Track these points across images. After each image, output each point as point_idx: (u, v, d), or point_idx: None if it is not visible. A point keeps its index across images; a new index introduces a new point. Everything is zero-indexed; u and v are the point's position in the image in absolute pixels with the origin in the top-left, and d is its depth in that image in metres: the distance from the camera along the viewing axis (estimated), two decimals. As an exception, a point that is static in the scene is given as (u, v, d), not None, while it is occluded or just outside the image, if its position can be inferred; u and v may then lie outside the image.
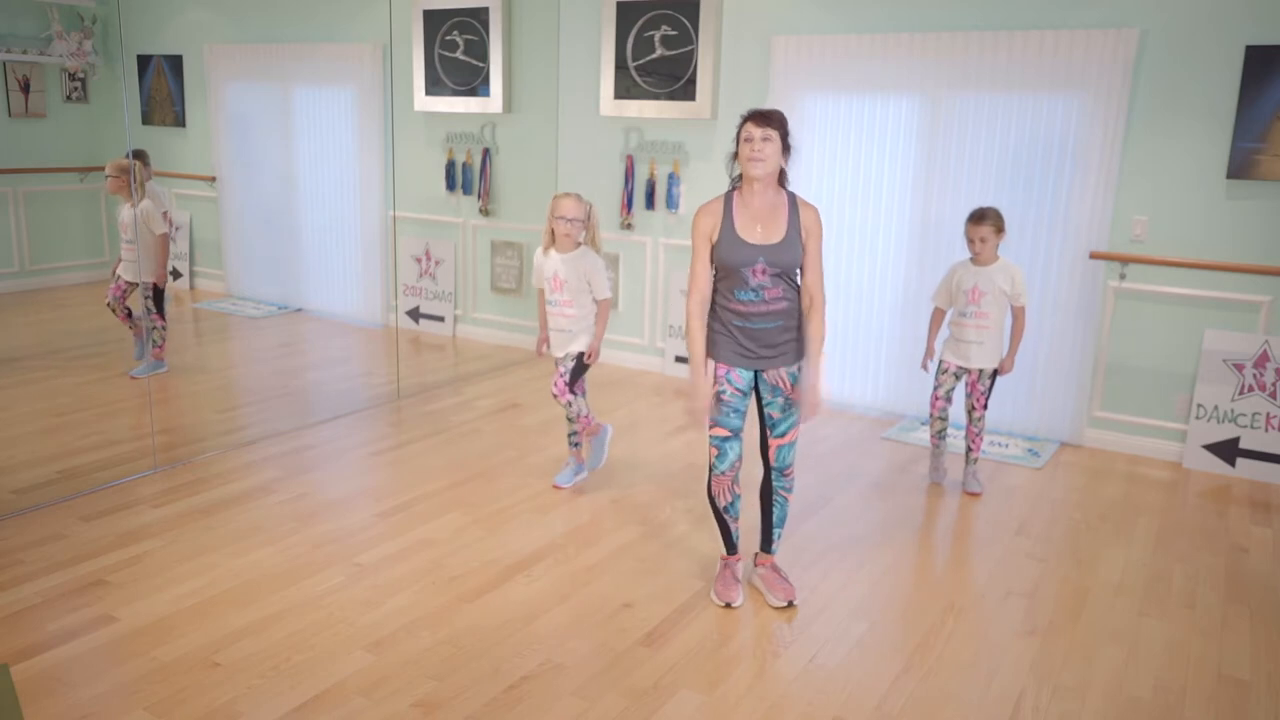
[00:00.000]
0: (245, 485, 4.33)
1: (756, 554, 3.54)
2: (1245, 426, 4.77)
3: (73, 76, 5.53)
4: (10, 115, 5.31)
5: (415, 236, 7.12)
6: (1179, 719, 2.82)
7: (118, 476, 4.35)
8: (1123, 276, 4.98)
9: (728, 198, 3.21)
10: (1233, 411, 4.79)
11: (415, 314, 7.27)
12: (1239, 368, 4.76)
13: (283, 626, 3.16)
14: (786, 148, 3.15)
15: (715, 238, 3.17)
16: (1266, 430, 4.73)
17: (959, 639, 3.21)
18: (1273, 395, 4.71)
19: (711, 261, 3.22)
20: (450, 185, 6.93)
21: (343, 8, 6.75)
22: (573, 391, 4.19)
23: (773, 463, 3.35)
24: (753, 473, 3.51)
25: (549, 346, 4.31)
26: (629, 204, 6.31)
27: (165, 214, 6.10)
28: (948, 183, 5.26)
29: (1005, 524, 4.17)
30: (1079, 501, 4.44)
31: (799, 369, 3.25)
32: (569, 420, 4.34)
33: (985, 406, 4.46)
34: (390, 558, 3.67)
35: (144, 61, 6.24)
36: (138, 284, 5.50)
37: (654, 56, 6.00)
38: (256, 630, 3.13)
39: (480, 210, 6.86)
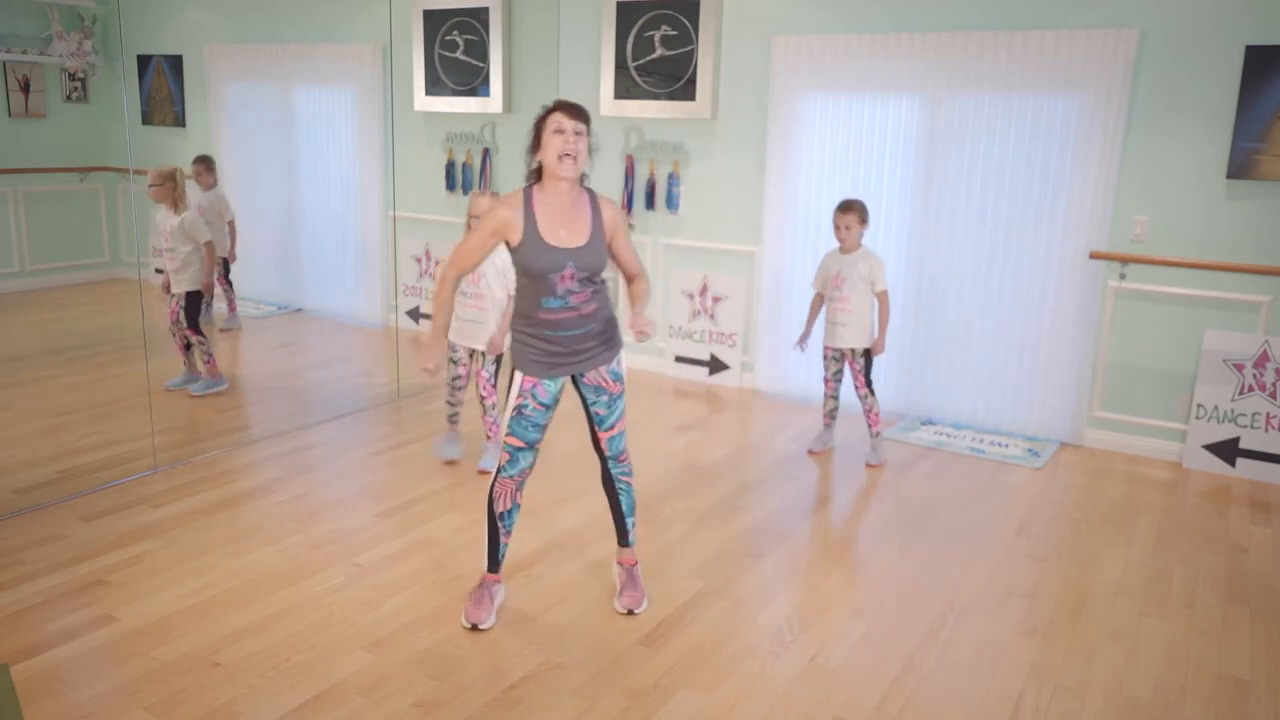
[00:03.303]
0: (245, 485, 4.33)
1: (618, 551, 3.41)
2: (1245, 426, 4.77)
3: (73, 76, 5.54)
4: (10, 115, 5.32)
5: (415, 237, 7.12)
6: (1179, 719, 2.82)
7: (118, 476, 4.35)
8: (1123, 276, 4.98)
9: (526, 196, 2.95)
10: (1233, 411, 4.79)
11: (415, 314, 7.27)
12: (1239, 368, 4.76)
13: (283, 626, 3.16)
14: (590, 147, 2.95)
15: (516, 240, 2.93)
16: (1266, 430, 4.73)
17: (959, 639, 3.21)
18: (1273, 395, 4.71)
19: (515, 268, 3.03)
20: (450, 185, 6.94)
21: (343, 8, 6.75)
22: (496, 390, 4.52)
23: (606, 451, 3.24)
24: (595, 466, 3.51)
25: (451, 334, 4.53)
26: (629, 204, 6.31)
27: (231, 222, 6.04)
28: (948, 183, 5.26)
29: (1005, 524, 4.17)
30: (1079, 501, 4.44)
31: (617, 363, 3.14)
32: (449, 404, 4.67)
33: (867, 385, 4.79)
34: (390, 558, 3.67)
35: (144, 61, 6.25)
36: (177, 294, 5.37)
37: (654, 56, 6.00)
38: (256, 630, 3.13)
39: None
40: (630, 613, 3.28)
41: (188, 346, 5.49)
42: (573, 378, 3.16)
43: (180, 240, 5.28)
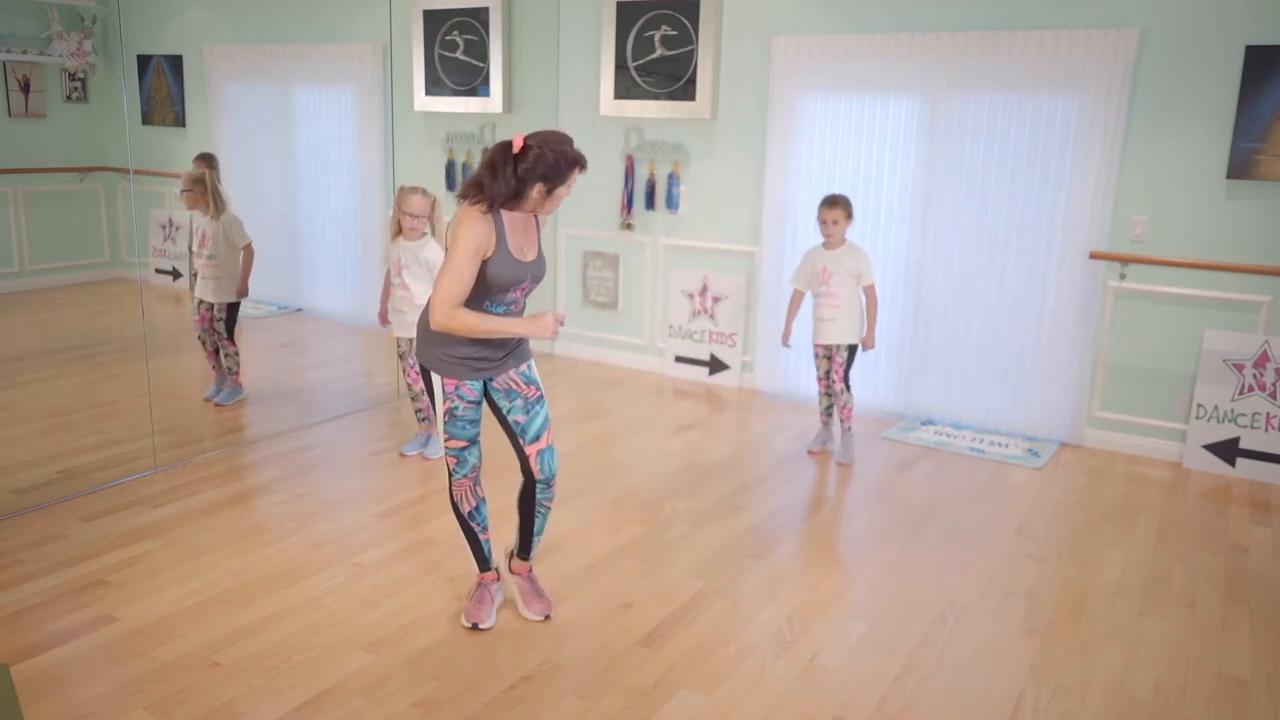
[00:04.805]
0: (245, 485, 4.33)
1: (512, 557, 3.32)
2: (1245, 426, 4.77)
3: (73, 76, 5.53)
4: (10, 115, 5.31)
5: (415, 236, 7.10)
6: (1179, 719, 2.82)
7: (118, 476, 4.35)
8: (1123, 276, 4.98)
9: (497, 214, 2.98)
10: (1233, 411, 4.79)
11: (415, 314, 7.26)
12: (1239, 368, 4.76)
13: (283, 626, 3.16)
14: None
15: (488, 256, 2.95)
16: (1266, 430, 4.73)
17: (959, 639, 3.21)
18: (1273, 395, 4.71)
19: (482, 278, 2.96)
20: (450, 185, 6.93)
21: (343, 8, 6.75)
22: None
23: (537, 474, 3.12)
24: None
25: (390, 325, 4.72)
26: (629, 204, 6.31)
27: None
28: (948, 183, 5.26)
29: (1005, 524, 4.17)
30: (1079, 501, 4.44)
31: (528, 367, 3.14)
32: (414, 399, 4.78)
33: (845, 380, 4.81)
34: (390, 558, 3.67)
35: (144, 61, 6.24)
36: (214, 305, 5.30)
37: (654, 56, 6.00)
38: (256, 630, 3.13)
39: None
40: (546, 618, 3.25)
41: (217, 352, 5.47)
42: (485, 390, 3.12)
43: (221, 245, 5.22)
